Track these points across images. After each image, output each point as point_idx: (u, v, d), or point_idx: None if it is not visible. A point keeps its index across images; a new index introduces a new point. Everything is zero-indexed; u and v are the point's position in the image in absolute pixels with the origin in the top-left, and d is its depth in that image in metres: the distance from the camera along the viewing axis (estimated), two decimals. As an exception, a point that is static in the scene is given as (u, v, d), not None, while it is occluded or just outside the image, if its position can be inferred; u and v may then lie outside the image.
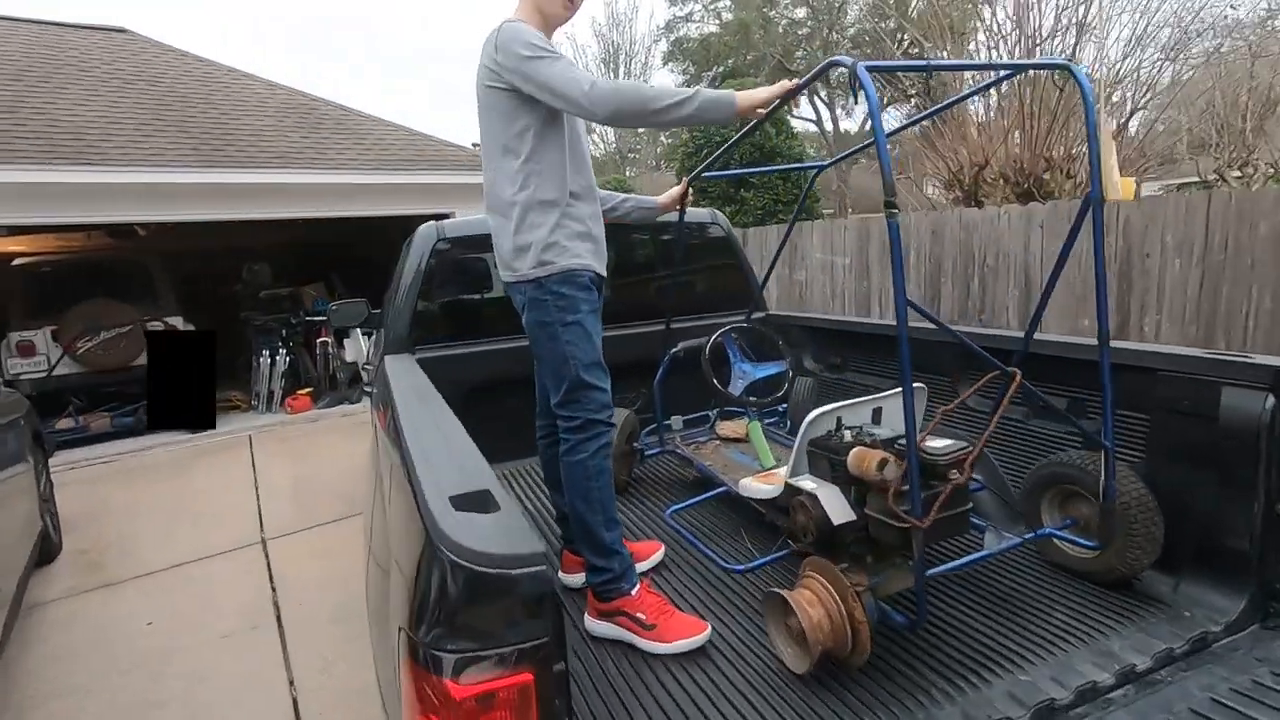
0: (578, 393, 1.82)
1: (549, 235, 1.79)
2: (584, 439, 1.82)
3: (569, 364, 1.80)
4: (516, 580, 0.83)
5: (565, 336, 1.80)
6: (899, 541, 1.46)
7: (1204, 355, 1.70)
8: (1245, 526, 1.61)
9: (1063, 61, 1.46)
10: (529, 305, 1.84)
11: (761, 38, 22.71)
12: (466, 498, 1.02)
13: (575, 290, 1.82)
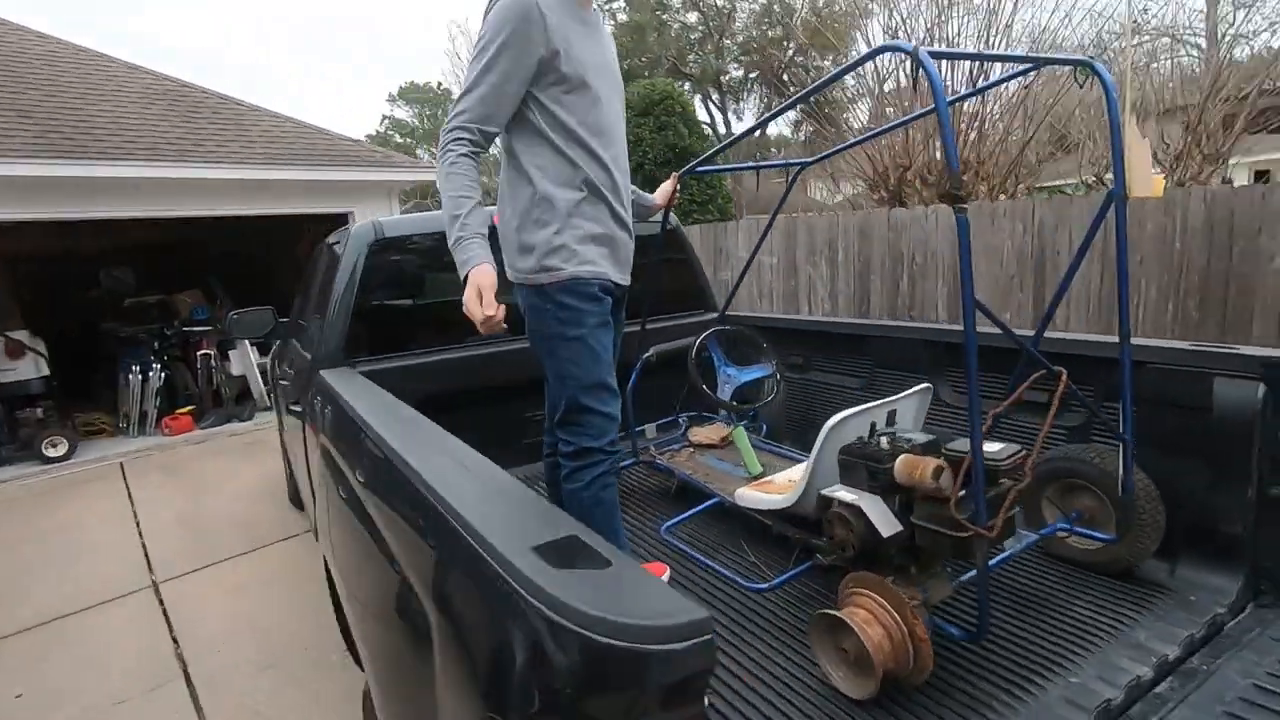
0: (575, 416, 1.64)
1: (555, 236, 1.60)
2: (579, 467, 1.65)
3: (566, 383, 1.62)
4: (685, 656, 0.66)
5: (563, 353, 1.62)
6: (949, 551, 1.40)
7: (1196, 348, 1.76)
8: (1239, 510, 1.68)
9: (1086, 59, 1.46)
10: (529, 312, 1.65)
11: (656, 40, 22.94)
12: (554, 548, 0.84)
13: (580, 301, 1.63)
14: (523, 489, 1.14)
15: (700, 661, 0.67)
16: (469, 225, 1.51)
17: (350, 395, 1.93)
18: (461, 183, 1.54)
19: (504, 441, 2.86)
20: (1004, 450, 1.43)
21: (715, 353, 2.59)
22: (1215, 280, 3.88)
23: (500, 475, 1.19)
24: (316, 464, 2.27)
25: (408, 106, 36.20)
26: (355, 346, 2.56)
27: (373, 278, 2.60)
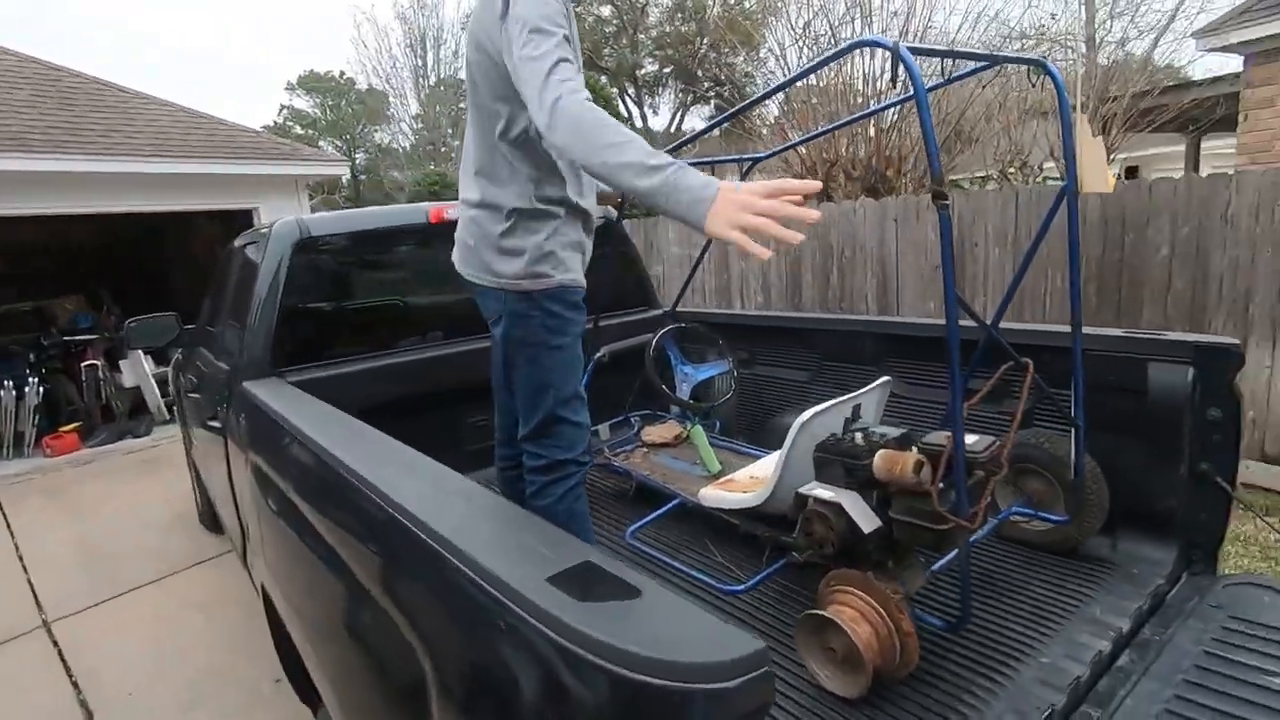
0: (550, 428, 1.58)
1: (546, 242, 1.53)
2: (550, 481, 1.58)
3: (546, 394, 1.55)
4: (742, 694, 0.61)
5: (547, 362, 1.56)
6: (927, 543, 1.42)
7: (1131, 335, 1.87)
8: (1173, 487, 1.79)
9: (1040, 59, 1.51)
10: (510, 318, 1.56)
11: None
12: (572, 578, 0.77)
13: (567, 310, 1.58)
14: (509, 507, 1.06)
15: (759, 699, 0.62)
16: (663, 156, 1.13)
17: (286, 408, 1.77)
18: (620, 128, 1.18)
19: (449, 450, 2.72)
20: (980, 442, 1.46)
21: (672, 351, 2.55)
22: (1110, 270, 4.18)
23: (481, 493, 1.10)
24: (245, 484, 2.08)
25: (308, 96, 34.30)
26: (282, 355, 2.36)
27: (299, 281, 2.41)
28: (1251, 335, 3.69)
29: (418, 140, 22.20)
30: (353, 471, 1.22)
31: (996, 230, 4.44)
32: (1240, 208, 3.66)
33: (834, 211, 5.13)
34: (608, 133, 1.16)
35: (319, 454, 1.38)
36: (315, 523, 1.39)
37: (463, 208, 1.65)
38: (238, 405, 2.22)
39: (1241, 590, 1.62)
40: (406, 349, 2.63)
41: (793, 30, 9.19)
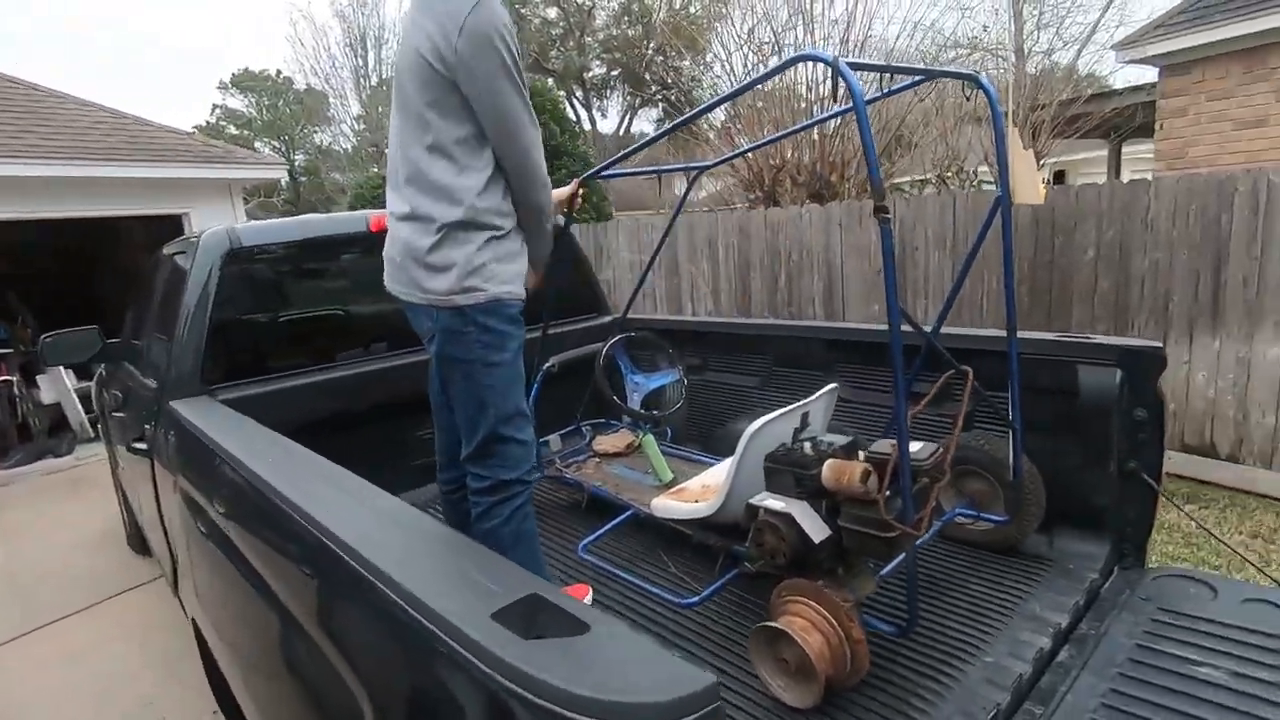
0: (492, 447, 1.54)
1: (477, 254, 1.48)
2: (496, 502, 1.55)
3: (486, 412, 1.51)
4: None
5: (486, 380, 1.51)
6: (878, 549, 1.44)
7: (1062, 339, 1.94)
8: (1104, 484, 1.86)
9: (973, 73, 1.55)
10: (444, 336, 1.51)
11: (517, 35, 22.47)
12: (517, 613, 0.75)
13: (504, 324, 1.53)
14: (452, 536, 1.03)
15: None
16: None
17: (216, 430, 1.68)
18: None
19: (395, 464, 2.64)
20: (924, 449, 1.49)
21: (622, 360, 2.54)
22: (1041, 271, 4.35)
23: (422, 520, 1.06)
24: (174, 510, 1.97)
25: (243, 95, 33.06)
26: (213, 372, 2.25)
27: (230, 294, 2.30)
28: (1171, 333, 3.90)
29: (360, 142, 21.63)
30: (286, 499, 1.16)
31: (936, 235, 4.57)
32: (1159, 212, 3.86)
33: (781, 216, 5.20)
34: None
35: (250, 480, 1.32)
36: (247, 553, 1.32)
37: (390, 220, 1.59)
38: (165, 426, 2.11)
39: (1169, 582, 1.70)
40: (348, 362, 2.54)
41: (737, 37, 9.31)
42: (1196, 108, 6.05)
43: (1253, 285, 3.57)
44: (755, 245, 5.28)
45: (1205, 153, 6.01)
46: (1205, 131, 6.00)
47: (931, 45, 8.85)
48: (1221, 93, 5.86)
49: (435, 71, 1.41)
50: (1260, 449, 3.67)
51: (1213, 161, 5.90)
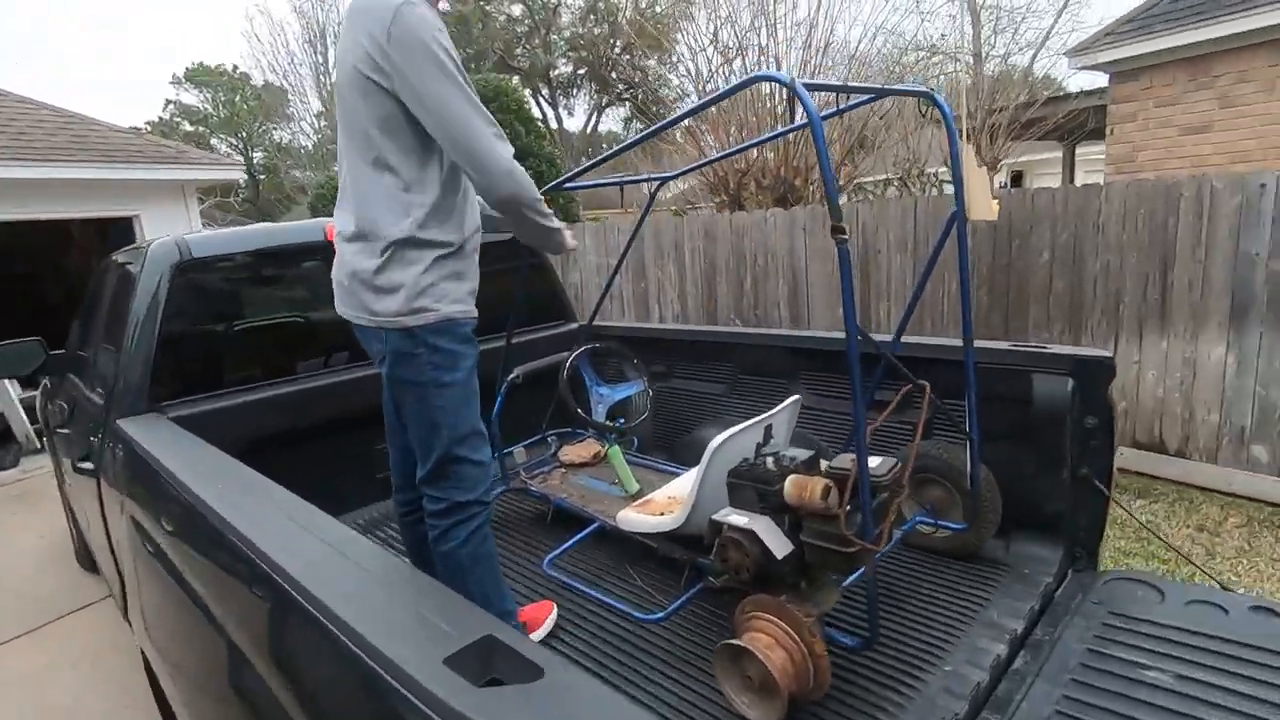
0: (447, 469, 1.51)
1: (424, 275, 1.45)
2: (452, 525, 1.52)
3: (439, 433, 1.49)
4: None
5: (438, 401, 1.48)
6: (839, 564, 1.45)
7: (1016, 348, 1.98)
8: (1058, 490, 1.91)
9: (927, 90, 1.57)
10: (394, 358, 1.48)
11: (481, 32, 22.25)
12: (470, 656, 0.73)
13: (455, 344, 1.50)
14: (406, 571, 1.01)
15: None
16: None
17: (165, 452, 1.63)
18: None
19: (357, 477, 2.60)
20: (883, 465, 1.51)
21: (586, 372, 2.52)
22: (999, 273, 4.45)
23: (377, 554, 1.04)
24: (122, 534, 1.90)
25: (198, 90, 32.11)
26: (163, 388, 2.18)
27: (179, 307, 2.22)
28: (1122, 333, 4.02)
29: (321, 139, 21.17)
30: (234, 530, 1.13)
31: (897, 239, 4.65)
32: (1109, 216, 3.97)
33: (746, 220, 5.23)
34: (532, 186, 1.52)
35: (198, 508, 1.27)
36: (195, 584, 1.28)
37: (338, 241, 1.56)
38: (112, 445, 2.03)
39: (1118, 585, 1.75)
40: (305, 375, 2.48)
41: (700, 39, 9.34)
42: (1145, 113, 6.25)
43: (1197, 288, 3.70)
44: (721, 249, 5.31)
45: (1154, 157, 6.21)
46: (1154, 137, 6.20)
47: (893, 48, 9.01)
48: (1169, 99, 6.07)
49: (373, 84, 1.39)
50: (1205, 445, 3.81)
51: (1161, 166, 6.11)
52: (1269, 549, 3.16)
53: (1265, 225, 3.43)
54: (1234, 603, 1.60)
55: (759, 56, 8.06)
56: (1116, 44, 6.12)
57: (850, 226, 4.72)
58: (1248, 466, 3.64)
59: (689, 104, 9.35)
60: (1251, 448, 3.62)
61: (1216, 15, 5.58)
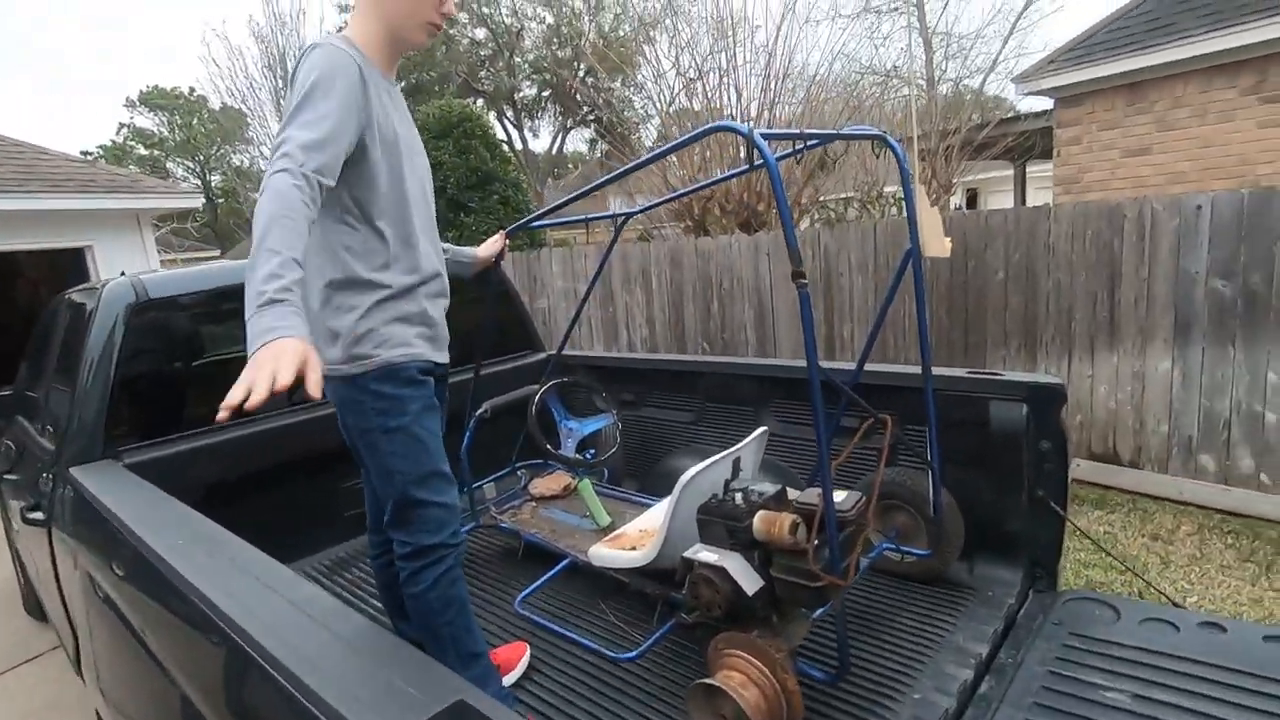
0: (409, 512, 1.49)
1: (361, 320, 1.44)
2: (420, 568, 1.50)
3: (393, 479, 1.47)
4: None
5: (386, 447, 1.46)
6: (807, 599, 1.47)
7: (973, 375, 2.04)
8: (1017, 512, 1.97)
9: (881, 133, 1.63)
10: (342, 406, 1.47)
11: (445, 55, 22.28)
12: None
13: (399, 388, 1.47)
14: (373, 633, 0.99)
15: None
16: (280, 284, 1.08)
17: (120, 505, 1.58)
18: (282, 224, 1.12)
19: (321, 519, 2.55)
20: (849, 499, 1.54)
21: (554, 405, 2.52)
22: (958, 292, 4.59)
23: (344, 614, 1.03)
24: (76, 589, 1.84)
25: (152, 114, 31.51)
26: (118, 433, 2.12)
27: (136, 349, 2.17)
28: (1075, 349, 4.16)
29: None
30: (195, 589, 1.10)
31: (859, 261, 4.76)
32: (1058, 235, 4.13)
33: (711, 245, 5.31)
34: (268, 236, 1.11)
35: (156, 565, 1.24)
36: (153, 644, 1.24)
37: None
38: (64, 496, 1.97)
39: (1078, 605, 1.81)
40: (267, 416, 2.44)
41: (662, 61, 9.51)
42: (1089, 137, 6.53)
43: (1143, 305, 3.86)
44: (687, 274, 5.38)
45: (1098, 178, 6.48)
46: (1098, 159, 6.47)
47: (850, 73, 9.28)
48: (1110, 123, 6.35)
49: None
50: (1157, 455, 3.95)
51: (1106, 186, 6.37)
52: (1218, 556, 3.28)
53: (1203, 245, 3.60)
54: (1184, 619, 1.66)
55: (720, 80, 8.24)
56: (1059, 71, 6.40)
57: (812, 250, 4.82)
58: (1196, 475, 3.79)
59: (652, 127, 9.49)
60: (1199, 457, 3.77)
61: (1150, 45, 5.88)
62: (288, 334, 1.04)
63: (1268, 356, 3.45)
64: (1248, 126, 5.62)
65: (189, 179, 30.05)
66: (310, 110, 1.26)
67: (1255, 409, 3.52)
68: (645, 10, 11.35)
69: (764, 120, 7.68)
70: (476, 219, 8.43)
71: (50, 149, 6.76)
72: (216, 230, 28.88)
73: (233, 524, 1.42)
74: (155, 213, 7.11)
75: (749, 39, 7.89)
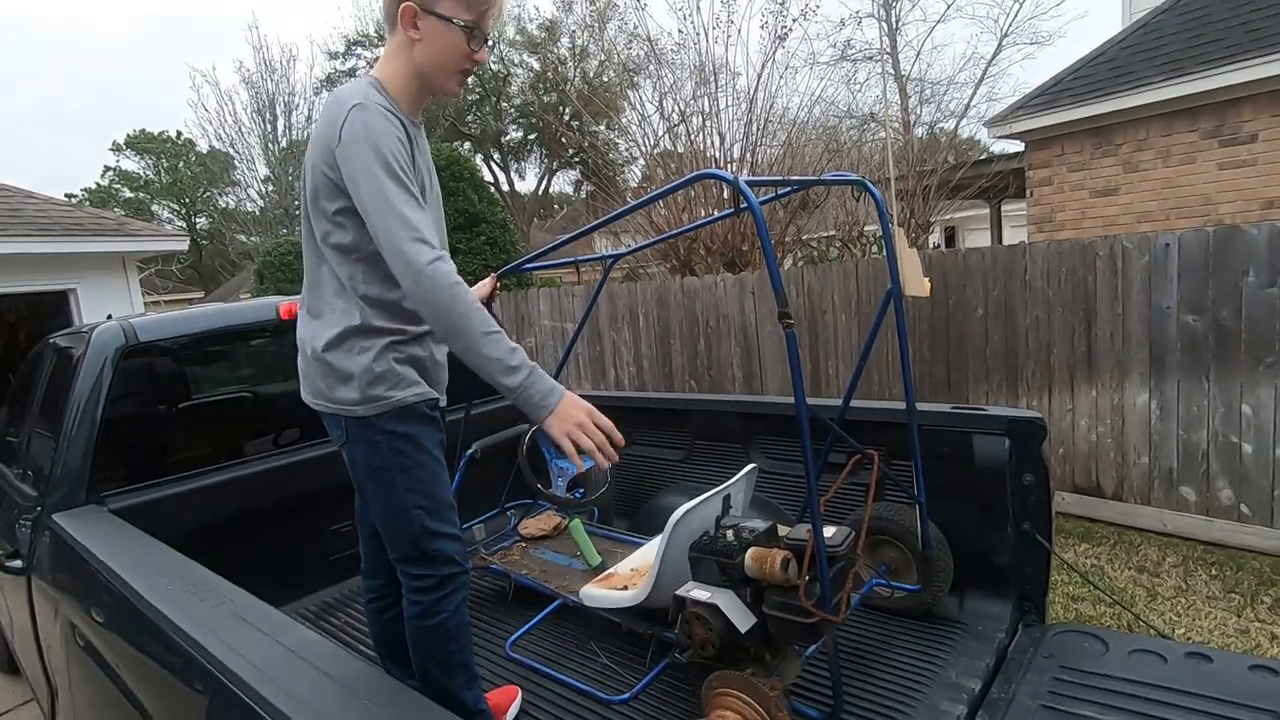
0: (426, 545, 1.50)
1: (375, 363, 1.45)
2: (441, 597, 1.51)
3: (410, 515, 1.47)
4: None
5: (404, 483, 1.47)
6: (801, 635, 1.48)
7: (957, 410, 2.09)
8: (1004, 546, 1.99)
9: (860, 179, 1.70)
10: (354, 443, 1.48)
11: (432, 100, 22.63)
12: None
13: (415, 426, 1.49)
14: (373, 678, 0.99)
15: None
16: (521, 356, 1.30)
17: (107, 552, 1.56)
18: (488, 317, 1.30)
19: (309, 562, 2.52)
20: (839, 534, 1.56)
21: (545, 445, 2.53)
22: (939, 327, 4.68)
23: (341, 660, 1.02)
24: (55, 641, 1.80)
25: (138, 157, 31.65)
26: (104, 478, 2.10)
27: (124, 393, 2.17)
28: (1055, 383, 4.24)
29: (268, 204, 20.98)
30: (185, 635, 1.10)
31: (842, 299, 4.85)
32: (1034, 274, 4.24)
33: (697, 285, 5.40)
34: (479, 320, 1.28)
35: (145, 611, 1.23)
36: (140, 696, 1.22)
37: (299, 326, 1.56)
38: (46, 543, 1.94)
39: (1067, 638, 1.82)
40: (253, 459, 2.43)
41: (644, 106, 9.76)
42: (1060, 178, 6.75)
43: (1119, 339, 3.95)
44: (674, 313, 5.46)
45: (1070, 217, 6.68)
46: (1069, 199, 6.69)
47: (829, 117, 9.57)
48: (1079, 165, 6.58)
49: (328, 178, 1.40)
50: (1139, 487, 4.00)
51: (1077, 225, 6.57)
52: (1203, 587, 3.31)
53: (1172, 281, 3.72)
54: (1172, 650, 1.68)
55: (703, 123, 8.47)
56: (1028, 116, 6.65)
57: (796, 288, 4.92)
58: (1178, 507, 3.83)
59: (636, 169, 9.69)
60: (1180, 488, 3.82)
61: (1112, 91, 6.15)
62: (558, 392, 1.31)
63: (1241, 389, 3.54)
64: (1209, 168, 5.85)
65: (174, 221, 30.09)
66: (401, 189, 1.32)
67: (1232, 440, 3.60)
68: (629, 58, 11.71)
69: (746, 162, 7.90)
70: (464, 259, 8.50)
71: (36, 193, 6.77)
72: (200, 272, 28.81)
73: (221, 568, 1.41)
74: (141, 255, 7.11)
75: (730, 85, 8.15)
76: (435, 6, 1.39)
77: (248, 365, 2.64)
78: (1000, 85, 18.84)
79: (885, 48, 14.61)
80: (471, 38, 1.42)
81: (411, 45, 1.43)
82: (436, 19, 1.40)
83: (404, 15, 1.40)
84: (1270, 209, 5.56)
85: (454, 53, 1.43)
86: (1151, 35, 6.35)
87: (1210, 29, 5.95)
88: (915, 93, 11.01)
